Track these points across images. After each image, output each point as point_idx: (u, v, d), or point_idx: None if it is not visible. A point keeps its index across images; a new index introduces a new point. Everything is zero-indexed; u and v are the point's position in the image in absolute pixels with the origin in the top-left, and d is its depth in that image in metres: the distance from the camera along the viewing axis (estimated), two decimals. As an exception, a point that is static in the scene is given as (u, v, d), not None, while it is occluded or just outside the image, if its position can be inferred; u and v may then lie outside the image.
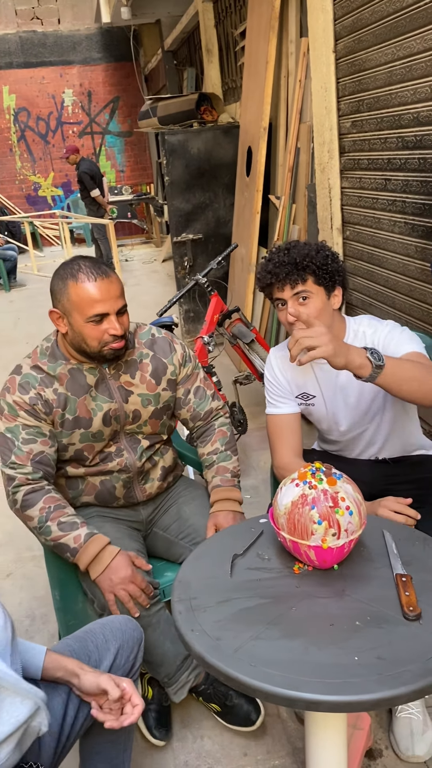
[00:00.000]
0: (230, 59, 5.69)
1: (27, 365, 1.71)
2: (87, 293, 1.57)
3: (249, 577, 1.30)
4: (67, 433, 1.69)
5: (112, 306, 1.59)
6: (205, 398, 1.89)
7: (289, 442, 1.80)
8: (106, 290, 1.57)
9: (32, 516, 1.61)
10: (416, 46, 2.61)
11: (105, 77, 11.25)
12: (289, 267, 1.63)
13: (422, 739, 1.64)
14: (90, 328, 1.60)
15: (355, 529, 1.25)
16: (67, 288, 1.59)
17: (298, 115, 3.97)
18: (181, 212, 4.97)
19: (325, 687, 1.02)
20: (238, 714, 1.77)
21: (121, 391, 1.73)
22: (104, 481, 1.77)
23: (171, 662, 1.69)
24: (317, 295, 1.65)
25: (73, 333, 1.63)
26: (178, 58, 8.33)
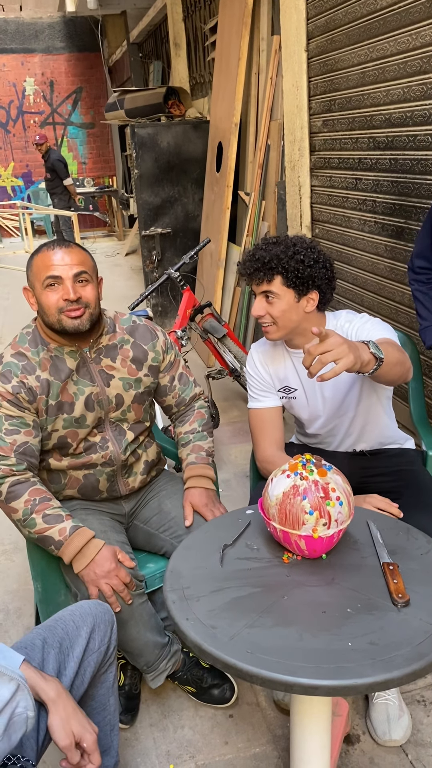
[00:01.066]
0: (198, 54, 5.68)
1: (8, 353, 1.70)
2: (43, 260, 1.62)
3: (239, 566, 1.32)
4: (51, 419, 1.69)
5: (67, 270, 1.61)
6: (188, 385, 1.92)
7: (272, 435, 1.83)
8: (62, 257, 1.61)
9: (17, 508, 1.60)
10: (389, 49, 2.66)
11: (68, 67, 11.09)
12: (257, 264, 1.65)
13: (398, 724, 1.69)
14: (46, 295, 1.62)
15: (344, 519, 1.28)
16: (32, 260, 1.65)
17: (268, 112, 4.00)
18: (150, 206, 4.95)
19: (322, 672, 1.05)
20: (213, 694, 1.82)
21: (102, 375, 1.74)
22: (87, 475, 1.77)
23: (151, 652, 1.70)
24: (283, 297, 1.67)
25: (39, 308, 1.66)
26: (144, 50, 8.27)
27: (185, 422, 1.93)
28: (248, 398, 1.91)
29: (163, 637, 1.75)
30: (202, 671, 1.84)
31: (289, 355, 1.83)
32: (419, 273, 2.00)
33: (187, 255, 3.35)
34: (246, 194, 4.40)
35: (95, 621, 1.35)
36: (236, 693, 1.83)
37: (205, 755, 1.70)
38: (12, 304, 6.83)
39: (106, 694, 1.38)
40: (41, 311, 1.66)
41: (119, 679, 1.83)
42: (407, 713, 1.73)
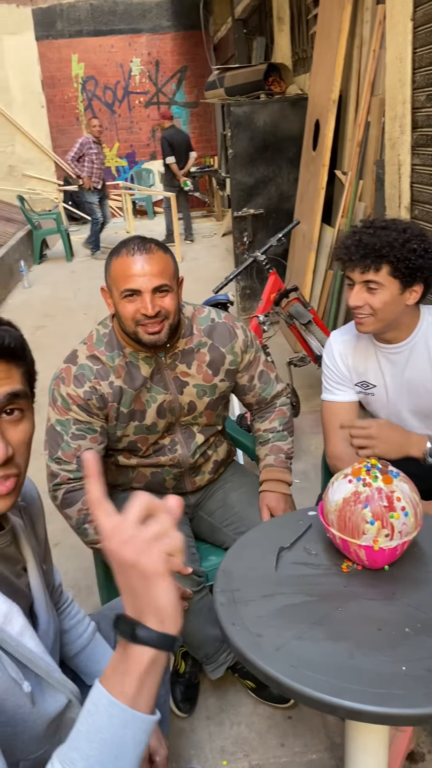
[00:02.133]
0: (302, 28, 5.50)
1: (83, 354, 1.64)
2: (122, 267, 1.51)
3: (294, 572, 1.26)
4: (122, 426, 1.65)
5: (146, 283, 1.49)
6: (269, 383, 1.83)
7: (344, 431, 1.74)
8: (142, 266, 1.49)
9: (70, 515, 1.60)
10: None
11: (173, 46, 11.10)
12: (365, 250, 1.49)
13: None
14: (123, 305, 1.53)
15: (409, 531, 1.19)
16: (111, 263, 1.56)
17: (370, 87, 3.81)
18: (243, 186, 4.86)
19: (369, 696, 0.97)
20: (272, 692, 1.77)
21: (176, 382, 1.67)
22: (155, 473, 1.75)
23: (211, 644, 1.68)
24: (388, 288, 1.52)
25: (117, 312, 1.57)
26: (249, 26, 8.12)
27: (265, 419, 1.85)
28: (322, 389, 1.82)
29: None
30: None
31: (374, 349, 1.71)
32: None
33: (274, 237, 3.26)
34: (343, 173, 4.22)
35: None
36: None
37: (260, 755, 1.66)
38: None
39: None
40: (118, 317, 1.58)
41: (180, 667, 1.82)
42: None
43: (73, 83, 11.14)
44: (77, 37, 10.87)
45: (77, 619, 1.28)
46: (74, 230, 10.02)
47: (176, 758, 1.66)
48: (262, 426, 1.84)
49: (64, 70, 11.02)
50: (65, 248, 8.30)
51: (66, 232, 8.30)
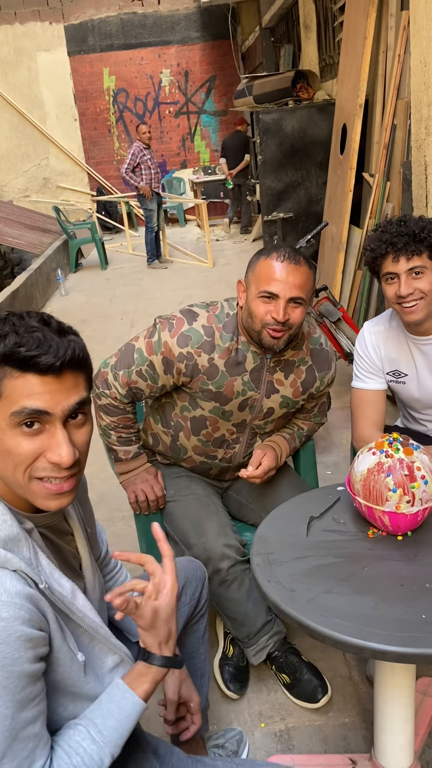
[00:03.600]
0: (328, 35, 5.62)
1: (202, 320, 1.70)
2: (268, 269, 1.58)
3: (324, 538, 1.38)
4: (203, 399, 1.75)
5: (286, 290, 1.56)
6: (322, 413, 1.98)
7: (371, 416, 1.84)
8: (287, 273, 1.56)
9: (104, 419, 1.82)
10: None
11: (202, 56, 11.31)
12: (406, 238, 1.59)
13: None
14: (257, 303, 1.59)
15: (429, 498, 1.30)
16: (258, 261, 1.63)
17: (395, 91, 3.90)
18: (272, 191, 5.00)
19: (393, 639, 1.08)
20: (305, 689, 1.81)
21: (269, 386, 1.76)
22: (204, 462, 1.88)
23: (252, 623, 1.78)
24: (430, 269, 1.64)
25: (246, 306, 1.64)
26: (276, 35, 8.27)
27: (299, 420, 1.96)
28: (353, 376, 1.92)
29: (268, 615, 1.80)
30: (300, 662, 1.84)
31: (406, 339, 1.80)
32: None
33: (303, 239, 3.38)
34: (370, 176, 4.32)
35: (187, 576, 1.47)
36: (329, 696, 1.80)
37: (296, 719, 1.77)
38: (144, 290, 7.16)
39: (196, 643, 1.50)
40: (246, 311, 1.64)
41: (229, 651, 1.92)
42: None
43: (104, 96, 11.43)
44: (108, 51, 11.16)
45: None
46: (108, 239, 10.27)
47: (217, 721, 1.78)
48: (295, 420, 1.96)
49: (96, 83, 11.32)
50: (100, 257, 8.53)
51: (100, 241, 8.52)
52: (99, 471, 3.00)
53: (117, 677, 1.10)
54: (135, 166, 7.92)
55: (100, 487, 3.01)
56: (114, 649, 1.13)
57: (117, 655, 1.14)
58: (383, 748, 1.43)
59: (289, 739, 1.72)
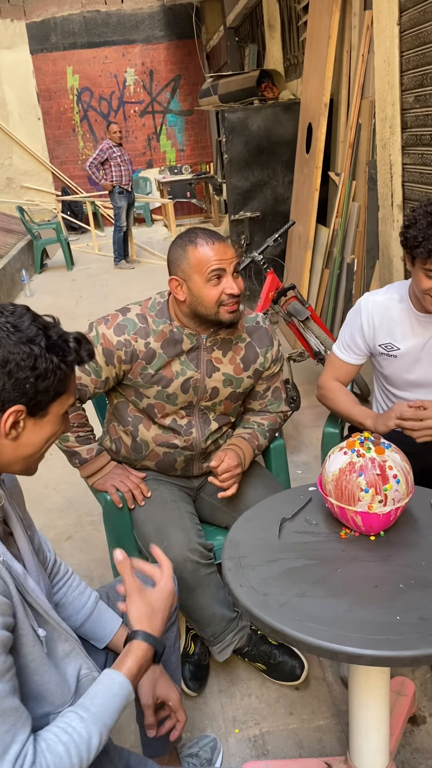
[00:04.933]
0: (292, 35, 5.62)
1: (135, 311, 1.78)
2: (205, 253, 1.64)
3: (296, 540, 1.35)
4: (146, 386, 1.77)
5: (229, 264, 1.65)
6: (279, 400, 1.96)
7: (339, 375, 1.98)
8: (223, 251, 1.65)
9: None
10: None
11: (166, 56, 11.25)
12: None
13: None
14: (208, 289, 1.65)
15: (401, 497, 1.28)
16: (186, 253, 1.67)
17: (360, 90, 3.92)
18: (239, 190, 4.98)
19: (367, 642, 1.07)
20: (283, 670, 1.84)
21: (208, 365, 1.79)
22: (168, 453, 1.85)
23: (218, 623, 1.76)
24: None
25: (191, 298, 1.68)
26: (240, 34, 8.26)
27: (258, 416, 1.95)
28: (337, 338, 1.98)
29: (231, 612, 1.79)
30: (271, 647, 1.87)
31: (409, 315, 1.81)
32: None
33: (271, 238, 3.36)
34: (336, 175, 4.33)
35: (107, 590, 1.44)
36: (306, 670, 1.85)
37: (270, 723, 1.75)
38: (111, 291, 7.09)
39: (167, 652, 1.46)
40: (194, 302, 1.68)
41: (190, 648, 1.90)
42: None
43: (68, 95, 11.29)
44: (71, 50, 11.02)
45: (79, 590, 1.37)
46: (73, 239, 10.15)
47: (191, 728, 1.75)
48: (253, 418, 1.95)
49: (60, 82, 11.18)
50: (65, 257, 8.41)
51: (66, 241, 8.41)
52: (67, 476, 2.95)
53: (71, 665, 1.13)
54: (103, 162, 7.85)
55: (69, 492, 2.96)
56: (66, 635, 1.15)
57: (68, 642, 1.15)
58: (359, 750, 1.41)
59: (264, 744, 1.70)
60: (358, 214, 4.03)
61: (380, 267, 3.67)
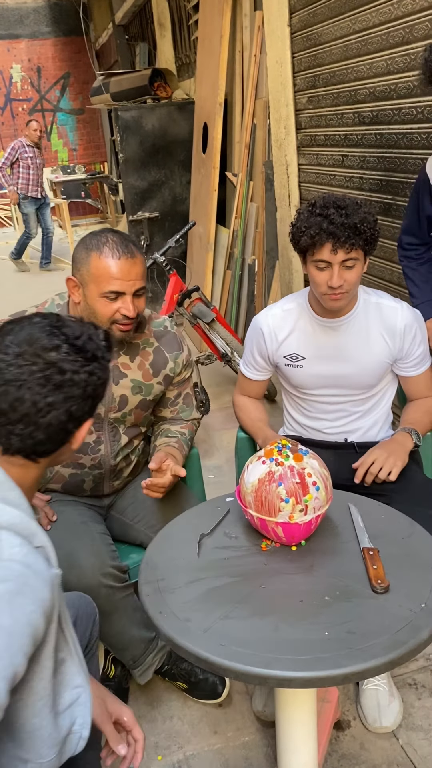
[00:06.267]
0: (183, 34, 5.58)
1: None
2: (107, 268, 1.51)
3: (217, 556, 1.29)
4: None
5: (130, 286, 1.53)
6: (190, 407, 1.88)
7: (248, 391, 1.96)
8: (128, 270, 1.52)
9: None
10: (371, 20, 2.58)
11: (54, 52, 10.92)
12: (349, 231, 1.53)
13: (389, 710, 1.66)
14: (102, 303, 1.54)
15: (321, 505, 1.25)
16: (89, 259, 1.53)
17: (253, 90, 3.92)
18: (136, 190, 4.88)
19: (297, 663, 1.01)
20: (204, 688, 1.78)
21: (114, 371, 1.69)
22: (74, 474, 1.73)
23: (137, 646, 1.67)
24: (360, 261, 1.61)
25: (85, 304, 1.57)
26: (130, 32, 8.13)
27: (176, 425, 1.87)
28: (243, 356, 1.94)
29: (150, 632, 1.70)
30: (191, 665, 1.79)
31: (311, 322, 1.77)
32: (407, 249, 1.95)
33: (172, 239, 3.29)
34: (234, 175, 4.32)
35: (77, 612, 1.33)
36: (228, 686, 1.78)
37: (194, 745, 1.68)
38: (4, 294, 6.77)
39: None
40: (88, 310, 1.57)
41: (110, 671, 1.80)
42: (398, 698, 1.70)
43: None
44: None
45: None
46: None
47: (110, 761, 1.65)
48: (172, 427, 1.86)
49: None
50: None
51: None
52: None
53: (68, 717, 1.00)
54: (13, 163, 7.27)
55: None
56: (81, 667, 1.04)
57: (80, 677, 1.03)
58: (287, 766, 1.37)
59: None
60: (256, 215, 4.03)
61: (280, 267, 3.69)
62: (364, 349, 1.73)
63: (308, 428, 1.88)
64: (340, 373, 1.76)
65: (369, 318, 1.72)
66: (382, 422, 1.87)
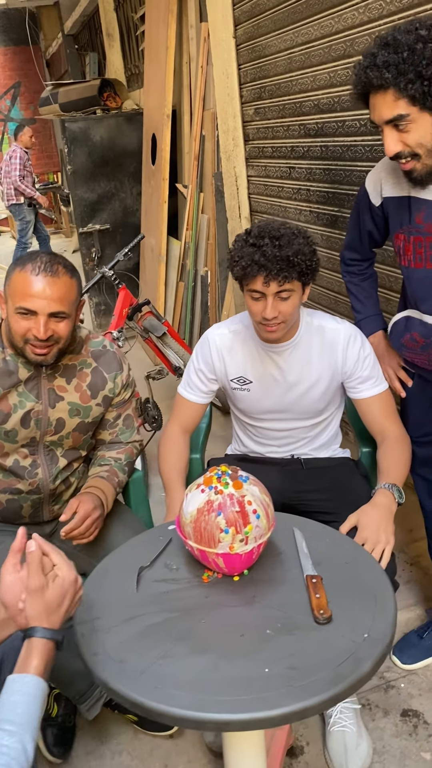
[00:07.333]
0: (132, 44, 5.54)
1: None
2: (23, 283, 1.45)
3: (156, 590, 1.24)
4: None
5: (44, 306, 1.45)
6: (131, 429, 1.82)
7: (183, 419, 1.83)
8: (43, 288, 1.44)
9: None
10: (313, 33, 2.59)
11: (4, 61, 10.76)
12: (281, 263, 1.48)
13: (356, 753, 1.59)
14: (15, 319, 1.47)
15: (263, 533, 1.21)
16: (12, 273, 1.49)
17: (201, 101, 3.90)
18: (86, 202, 4.81)
19: (235, 705, 0.97)
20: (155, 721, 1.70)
21: (50, 394, 1.62)
22: (11, 500, 1.65)
23: (82, 680, 1.61)
24: (297, 292, 1.56)
25: (6, 320, 1.52)
26: (80, 42, 8.06)
27: (112, 450, 1.81)
28: (183, 378, 1.84)
29: None
30: None
31: (256, 346, 1.72)
32: (350, 265, 1.93)
33: (120, 252, 3.24)
34: (184, 186, 4.30)
35: (4, 651, 1.26)
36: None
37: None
38: None
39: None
40: (7, 327, 1.51)
41: (52, 710, 1.72)
42: (367, 740, 1.62)
43: None
44: None
45: None
46: None
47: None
48: (108, 453, 1.80)
49: None
50: None
51: None
52: None
53: None
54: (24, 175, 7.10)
55: None
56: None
57: None
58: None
59: (139, 805, 1.57)
60: (208, 226, 4.01)
61: (232, 279, 3.67)
62: (308, 375, 1.70)
63: (255, 452, 1.86)
64: (286, 401, 1.73)
65: (312, 342, 1.69)
66: (331, 442, 1.85)
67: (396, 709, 1.73)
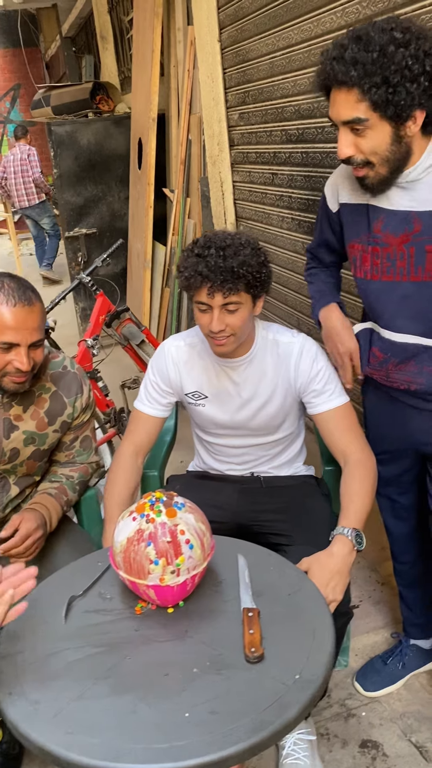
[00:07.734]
0: (125, 47, 5.50)
1: None
2: (1, 317, 1.39)
3: (85, 621, 1.17)
4: None
5: (25, 337, 1.41)
6: (88, 450, 1.75)
7: (136, 436, 1.72)
8: (23, 319, 1.40)
9: None
10: (294, 37, 2.53)
11: (4, 63, 10.74)
12: (225, 274, 1.42)
13: None
14: None
15: (197, 564, 1.15)
16: None
17: (188, 105, 3.85)
18: (72, 206, 4.76)
19: (149, 754, 0.91)
20: None
21: (5, 424, 1.55)
22: None
23: None
24: (245, 304, 1.49)
25: None
26: (77, 44, 8.04)
27: (66, 467, 1.74)
28: (141, 388, 1.75)
29: None
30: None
31: (211, 361, 1.65)
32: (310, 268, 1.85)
33: (98, 258, 3.19)
34: (170, 191, 4.24)
35: None
36: None
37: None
38: None
39: None
40: None
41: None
42: None
43: None
44: None
45: None
46: None
47: None
48: (60, 470, 1.74)
49: None
50: None
51: None
52: None
53: None
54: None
55: None
56: None
57: None
58: None
59: None
60: (194, 232, 3.95)
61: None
62: (263, 391, 1.63)
63: (215, 469, 1.79)
64: (241, 417, 1.65)
65: (267, 357, 1.62)
66: (294, 460, 1.78)
67: (355, 740, 1.66)
